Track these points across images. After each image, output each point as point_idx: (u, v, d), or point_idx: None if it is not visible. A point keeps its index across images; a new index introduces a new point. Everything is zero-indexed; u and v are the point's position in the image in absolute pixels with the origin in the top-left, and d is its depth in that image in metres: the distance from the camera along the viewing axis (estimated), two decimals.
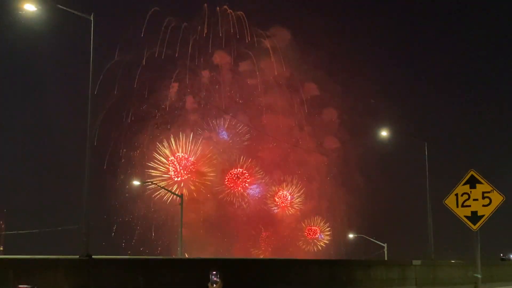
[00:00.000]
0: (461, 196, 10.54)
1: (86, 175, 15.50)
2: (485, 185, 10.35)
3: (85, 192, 15.40)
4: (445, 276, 27.15)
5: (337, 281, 19.77)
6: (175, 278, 13.63)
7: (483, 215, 10.31)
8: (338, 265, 22.07)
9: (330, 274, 20.09)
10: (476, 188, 10.37)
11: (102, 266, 13.82)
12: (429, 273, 25.94)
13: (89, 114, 15.92)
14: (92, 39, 16.96)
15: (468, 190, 10.47)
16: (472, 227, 10.49)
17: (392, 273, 24.06)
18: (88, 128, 15.89)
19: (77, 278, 12.62)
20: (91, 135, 15.94)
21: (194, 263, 16.64)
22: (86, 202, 15.37)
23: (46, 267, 12.28)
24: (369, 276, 22.25)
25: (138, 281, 13.52)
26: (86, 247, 14.38)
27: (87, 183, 15.47)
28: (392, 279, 23.48)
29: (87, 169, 15.55)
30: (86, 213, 15.34)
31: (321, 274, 19.78)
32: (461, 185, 10.56)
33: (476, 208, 10.34)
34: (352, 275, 21.19)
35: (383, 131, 34.89)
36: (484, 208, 10.27)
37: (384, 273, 23.51)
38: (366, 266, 23.18)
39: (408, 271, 24.92)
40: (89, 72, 16.52)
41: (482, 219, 10.38)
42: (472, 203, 10.41)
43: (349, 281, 20.56)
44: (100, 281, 12.86)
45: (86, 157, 15.67)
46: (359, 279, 21.37)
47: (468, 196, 10.47)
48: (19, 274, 11.54)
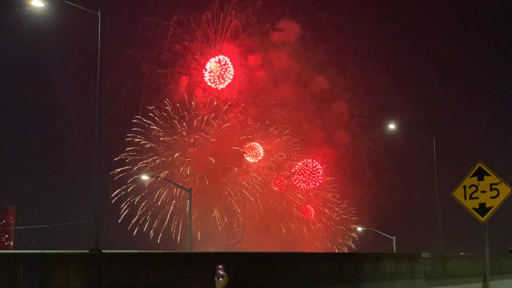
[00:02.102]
0: (469, 188, 10.54)
1: (96, 169, 15.56)
2: (493, 177, 10.34)
3: (95, 186, 15.46)
4: (454, 268, 27.16)
5: (346, 274, 19.79)
6: (186, 272, 13.69)
7: (491, 207, 10.30)
8: (347, 259, 22.08)
9: (339, 268, 20.11)
10: (484, 180, 10.36)
11: (112, 260, 13.88)
12: (438, 266, 25.95)
13: (97, 109, 15.99)
14: (99, 35, 17.01)
15: (476, 182, 10.46)
16: (480, 219, 10.49)
17: (401, 266, 24.07)
18: (97, 122, 15.95)
19: (88, 273, 12.68)
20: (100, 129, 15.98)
21: (204, 257, 16.69)
22: (96, 197, 15.43)
23: (57, 262, 12.34)
24: (378, 269, 22.26)
25: (149, 276, 13.59)
26: (97, 241, 14.46)
27: (97, 177, 15.53)
28: (401, 272, 23.49)
29: (97, 163, 15.60)
30: (96, 207, 15.40)
31: (330, 267, 19.81)
32: (469, 177, 10.57)
33: (484, 200, 10.34)
34: (361, 268, 21.21)
35: (391, 124, 34.84)
36: (492, 200, 10.27)
37: (393, 266, 23.51)
38: (375, 259, 23.18)
39: (417, 264, 24.92)
40: (97, 66, 16.57)
41: (490, 211, 10.39)
42: (480, 195, 10.40)
43: (358, 274, 20.58)
44: (111, 276, 12.92)
45: (96, 150, 15.71)
46: (368, 272, 21.39)
47: (476, 188, 10.47)
48: (29, 269, 11.62)
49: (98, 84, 16.43)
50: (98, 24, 17.08)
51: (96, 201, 15.38)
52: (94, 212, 15.31)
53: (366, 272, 21.27)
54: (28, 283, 11.39)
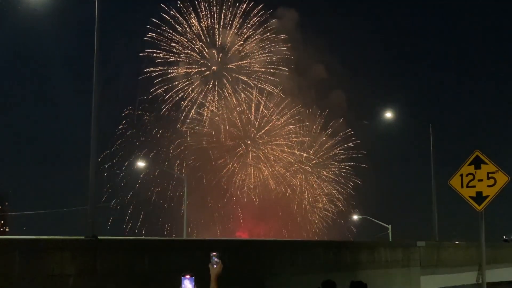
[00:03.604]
0: (466, 177, 10.53)
1: (92, 154, 15.48)
2: (490, 165, 10.34)
3: (91, 172, 15.39)
4: (449, 257, 27.27)
5: (342, 262, 19.84)
6: (180, 259, 13.69)
7: (488, 196, 10.30)
8: (343, 247, 22.13)
9: (335, 256, 20.16)
10: (481, 169, 10.36)
11: (108, 247, 13.86)
12: (433, 254, 26.04)
13: (94, 96, 15.92)
14: (96, 21, 16.89)
15: (473, 171, 10.45)
16: (477, 207, 10.49)
17: (396, 255, 24.15)
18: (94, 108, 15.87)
19: (84, 259, 12.66)
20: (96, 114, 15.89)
21: (198, 244, 16.71)
22: (92, 182, 15.36)
23: (52, 248, 12.31)
24: (374, 258, 22.33)
25: (144, 262, 13.59)
26: (92, 228, 14.41)
27: (93, 163, 15.46)
28: (396, 261, 23.58)
29: (93, 149, 15.52)
30: (92, 193, 15.34)
31: (326, 255, 19.85)
32: (466, 166, 10.56)
33: (481, 189, 10.34)
34: (357, 257, 21.26)
35: (388, 113, 34.86)
36: (489, 188, 10.27)
37: (388, 254, 23.59)
38: (371, 247, 23.25)
39: (413, 253, 25.01)
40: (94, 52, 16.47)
41: (486, 199, 10.39)
42: (477, 184, 10.40)
43: (354, 262, 20.64)
44: (107, 262, 12.91)
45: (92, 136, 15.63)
46: (364, 260, 21.45)
47: (473, 177, 10.46)
48: (25, 254, 11.59)
49: (95, 69, 16.33)
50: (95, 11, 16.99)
51: (92, 187, 15.32)
52: (90, 198, 15.26)
53: (362, 260, 21.33)
54: (23, 269, 11.37)
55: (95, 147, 15.58)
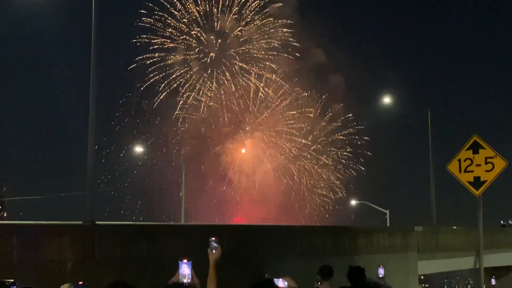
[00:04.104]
0: (464, 162, 10.47)
1: (90, 139, 15.44)
2: (488, 150, 10.29)
3: (90, 157, 15.36)
4: (447, 242, 27.35)
5: (340, 248, 19.89)
6: (178, 244, 13.72)
7: (486, 180, 10.26)
8: (341, 232, 22.18)
9: (333, 241, 20.20)
10: (479, 154, 10.29)
11: (106, 232, 13.88)
12: (431, 240, 26.12)
13: (91, 81, 15.87)
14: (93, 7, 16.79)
15: (471, 156, 10.40)
16: (475, 192, 10.48)
17: (394, 240, 24.22)
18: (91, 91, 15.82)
19: (82, 244, 12.68)
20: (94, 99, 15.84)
21: (197, 229, 16.75)
22: (90, 167, 15.34)
23: (51, 233, 12.33)
24: (372, 243, 22.40)
25: (142, 247, 13.62)
26: (91, 213, 14.40)
27: (91, 147, 15.42)
28: (394, 246, 23.65)
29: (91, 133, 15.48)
30: (90, 178, 15.33)
31: (324, 240, 19.89)
32: (464, 151, 10.51)
33: (479, 174, 10.29)
34: (355, 242, 21.32)
35: (386, 98, 34.84)
36: (487, 173, 10.23)
37: (386, 239, 23.66)
38: (369, 233, 23.31)
39: (410, 238, 25.08)
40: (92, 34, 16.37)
41: (484, 184, 10.35)
42: (475, 169, 10.34)
43: (352, 248, 20.69)
44: (105, 248, 12.93)
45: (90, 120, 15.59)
46: (362, 246, 21.51)
47: (471, 162, 10.40)
48: (24, 240, 11.60)
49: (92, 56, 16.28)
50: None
51: (90, 172, 15.31)
52: (88, 183, 15.25)
53: (360, 246, 21.38)
54: (22, 254, 11.39)
55: (93, 132, 15.55)
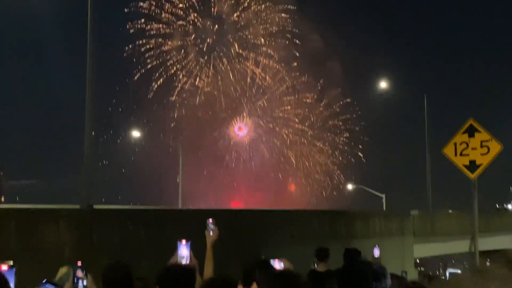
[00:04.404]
0: (460, 145, 10.54)
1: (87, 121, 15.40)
2: (483, 133, 10.34)
3: (87, 140, 15.32)
4: (443, 226, 27.50)
5: (337, 232, 19.98)
6: (176, 228, 13.76)
7: (481, 164, 10.33)
8: (337, 216, 22.26)
9: (329, 225, 20.29)
10: (475, 137, 10.37)
11: (104, 216, 13.93)
12: (427, 224, 26.27)
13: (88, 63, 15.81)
14: None
15: (466, 139, 10.46)
16: (470, 176, 10.53)
17: (390, 224, 24.36)
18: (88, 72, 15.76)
19: (80, 229, 12.73)
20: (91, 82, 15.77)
21: (194, 213, 16.78)
22: (87, 151, 15.30)
23: (49, 217, 12.36)
24: (368, 227, 22.52)
25: (140, 231, 13.67)
26: (88, 197, 14.42)
27: (88, 130, 15.38)
28: (390, 230, 23.79)
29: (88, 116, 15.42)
30: (87, 162, 15.30)
31: (321, 225, 19.97)
32: (460, 134, 10.56)
33: (474, 157, 10.36)
34: (351, 226, 21.42)
35: (383, 83, 34.85)
36: (483, 157, 10.30)
37: (382, 224, 23.79)
38: (365, 217, 23.42)
39: (406, 222, 25.23)
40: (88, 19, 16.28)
41: (480, 168, 10.41)
42: (470, 152, 10.41)
43: (348, 232, 20.79)
44: (102, 232, 12.97)
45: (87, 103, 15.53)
46: (358, 230, 21.62)
47: (466, 145, 10.47)
48: (21, 224, 11.64)
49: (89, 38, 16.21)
50: None
51: (87, 156, 15.27)
52: (85, 167, 15.22)
53: (356, 230, 21.49)
54: (19, 238, 11.43)
55: (90, 115, 15.50)
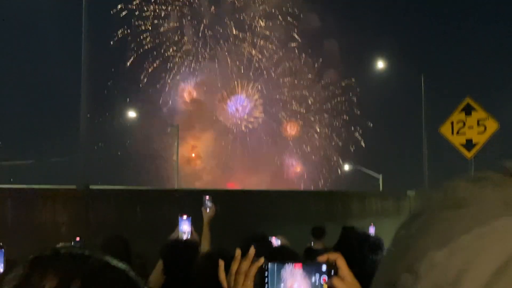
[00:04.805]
0: (457, 124, 10.51)
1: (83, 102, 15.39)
2: (480, 112, 10.31)
3: (82, 120, 15.30)
4: None
5: (333, 212, 20.04)
6: (172, 207, 13.78)
7: (478, 143, 10.32)
8: (334, 197, 22.34)
9: (326, 205, 20.36)
10: (472, 116, 10.34)
11: (100, 196, 13.95)
12: None
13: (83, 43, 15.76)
14: None
15: (463, 118, 10.44)
16: (467, 154, 10.52)
17: (387, 204, 24.46)
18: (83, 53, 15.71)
19: (76, 208, 12.76)
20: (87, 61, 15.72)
21: (190, 193, 16.81)
22: (83, 131, 15.29)
23: (45, 197, 12.39)
24: (364, 207, 22.60)
25: (136, 211, 13.70)
26: (84, 177, 14.42)
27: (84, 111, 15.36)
28: (387, 210, 23.87)
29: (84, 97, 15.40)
30: (83, 142, 15.29)
31: (317, 205, 20.04)
32: (457, 113, 10.53)
33: (471, 136, 10.34)
34: (347, 206, 21.49)
35: (380, 62, 34.78)
36: (479, 135, 10.28)
37: (379, 204, 23.88)
38: (362, 197, 23.51)
39: (403, 202, 25.32)
40: None
41: (476, 146, 10.40)
42: (467, 131, 10.39)
43: (345, 212, 20.86)
44: (98, 212, 13.01)
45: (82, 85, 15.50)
46: (355, 210, 21.70)
47: (463, 124, 10.45)
48: (18, 203, 11.66)
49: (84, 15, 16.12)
50: None
51: (83, 136, 15.26)
52: (81, 147, 15.22)
53: (352, 210, 21.57)
54: (16, 218, 11.45)
55: (85, 96, 15.48)
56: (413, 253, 0.56)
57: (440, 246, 0.54)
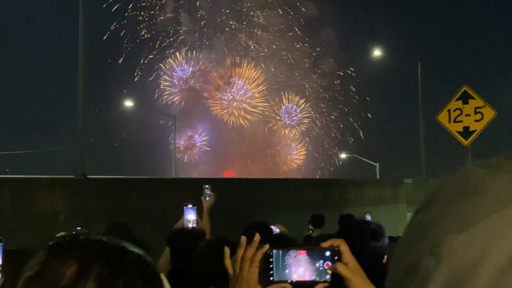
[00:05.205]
0: (454, 112, 10.54)
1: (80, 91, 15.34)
2: (477, 100, 10.34)
3: (79, 109, 15.28)
4: None
5: (331, 200, 20.09)
6: (170, 196, 13.81)
7: (475, 130, 10.36)
8: (331, 185, 22.39)
9: (324, 194, 20.40)
10: (469, 104, 10.38)
11: (98, 185, 13.96)
12: (420, 191, 26.36)
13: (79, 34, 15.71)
14: None
15: (460, 106, 10.47)
16: (464, 142, 10.55)
17: (384, 192, 24.51)
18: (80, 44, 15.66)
19: (74, 198, 12.76)
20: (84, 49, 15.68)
21: (188, 182, 16.82)
22: (80, 120, 15.27)
23: (43, 186, 12.38)
24: (362, 195, 22.65)
25: (134, 200, 13.71)
26: (82, 167, 14.42)
27: (81, 100, 15.33)
28: (384, 198, 23.94)
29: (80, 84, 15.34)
30: (81, 131, 15.27)
31: (315, 193, 20.08)
32: (454, 101, 10.55)
33: (468, 124, 10.38)
34: (345, 195, 21.53)
35: (377, 51, 34.74)
36: (476, 123, 10.31)
37: (376, 192, 23.94)
38: (359, 185, 23.56)
39: (400, 190, 25.39)
40: None
41: (473, 134, 10.42)
42: (464, 119, 10.43)
43: (342, 200, 20.91)
44: (97, 200, 13.01)
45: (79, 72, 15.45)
46: (352, 198, 21.74)
47: (460, 112, 10.48)
48: (16, 193, 11.65)
49: None
50: None
51: (80, 125, 15.24)
52: (79, 136, 15.21)
53: (350, 198, 21.61)
54: (14, 207, 11.45)
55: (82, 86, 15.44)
56: (433, 237, 0.58)
57: (460, 230, 0.56)
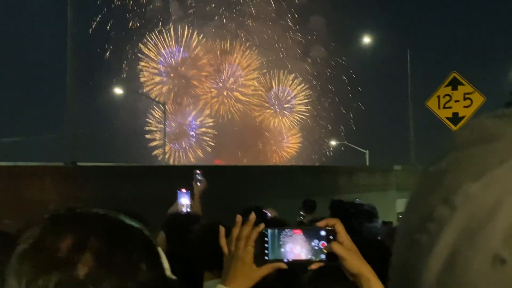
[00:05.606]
0: (443, 98, 10.57)
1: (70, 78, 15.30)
2: (466, 86, 10.37)
3: (70, 97, 15.25)
4: None
5: (321, 187, 20.14)
6: (161, 183, 13.81)
7: (464, 116, 10.38)
8: (321, 172, 22.45)
9: (314, 180, 20.45)
10: (458, 90, 10.40)
11: (88, 173, 13.93)
12: (409, 178, 26.50)
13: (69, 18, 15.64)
14: None
15: (450, 92, 10.49)
16: (453, 128, 10.57)
17: (374, 179, 24.63)
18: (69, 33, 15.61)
19: (65, 185, 12.74)
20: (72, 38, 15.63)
21: (179, 169, 16.84)
22: (70, 107, 15.24)
23: (33, 174, 12.36)
24: (352, 182, 22.75)
25: (126, 188, 13.70)
26: (72, 154, 14.42)
27: (71, 88, 15.29)
28: (374, 185, 24.05)
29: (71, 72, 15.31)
30: (71, 119, 15.26)
31: (305, 180, 20.13)
32: (443, 87, 10.57)
33: (457, 110, 10.40)
34: (335, 181, 21.61)
35: (366, 38, 34.76)
36: (465, 109, 10.34)
37: (366, 179, 24.04)
38: (349, 172, 23.65)
39: (389, 177, 25.50)
40: None
41: (462, 120, 10.45)
42: (453, 105, 10.46)
43: (332, 187, 20.97)
44: (87, 189, 12.99)
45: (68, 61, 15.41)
46: (342, 184, 21.83)
47: (449, 98, 10.50)
48: (5, 181, 11.63)
49: None
50: None
51: (70, 113, 15.23)
52: (69, 124, 15.20)
53: (340, 185, 21.70)
54: (3, 196, 11.42)
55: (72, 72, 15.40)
56: (447, 186, 0.57)
57: (475, 178, 0.55)
